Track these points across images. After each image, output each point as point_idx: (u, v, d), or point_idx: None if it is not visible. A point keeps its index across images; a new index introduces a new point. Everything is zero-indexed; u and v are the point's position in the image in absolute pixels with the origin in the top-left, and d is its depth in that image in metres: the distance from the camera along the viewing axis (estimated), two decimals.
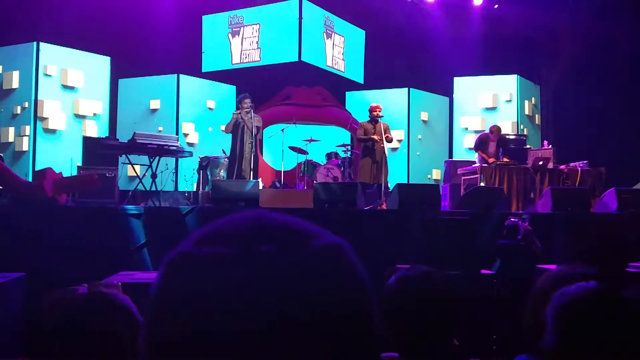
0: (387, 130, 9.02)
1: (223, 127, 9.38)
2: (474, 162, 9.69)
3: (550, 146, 10.25)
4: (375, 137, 8.86)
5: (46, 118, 9.63)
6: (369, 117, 9.10)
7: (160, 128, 10.40)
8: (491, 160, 9.23)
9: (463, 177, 9.28)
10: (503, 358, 4.51)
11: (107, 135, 9.71)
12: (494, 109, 12.10)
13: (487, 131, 9.91)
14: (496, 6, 12.77)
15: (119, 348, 1.22)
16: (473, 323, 4.41)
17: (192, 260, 0.56)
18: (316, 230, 0.61)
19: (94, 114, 10.23)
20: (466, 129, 12.28)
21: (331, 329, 0.55)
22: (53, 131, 9.72)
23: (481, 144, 9.69)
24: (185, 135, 10.73)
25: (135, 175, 7.87)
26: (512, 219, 5.18)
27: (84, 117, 10.10)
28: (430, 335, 1.54)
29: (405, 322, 1.55)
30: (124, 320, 1.24)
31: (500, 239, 5.14)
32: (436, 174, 11.95)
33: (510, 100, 12.08)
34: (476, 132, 11.72)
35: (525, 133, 11.84)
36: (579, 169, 9.27)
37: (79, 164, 9.01)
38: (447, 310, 1.58)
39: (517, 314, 1.86)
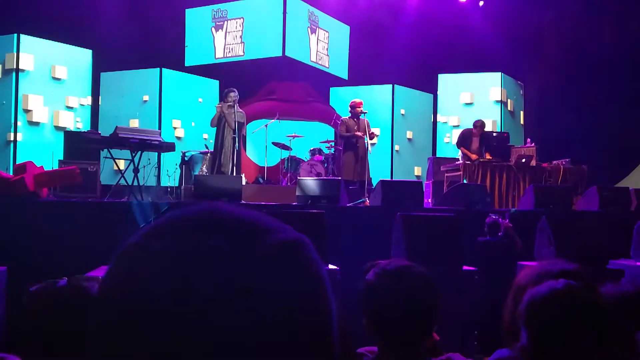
0: (369, 127, 9.00)
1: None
2: (458, 160, 9.73)
3: (533, 144, 10.33)
4: (358, 133, 8.83)
5: (30, 110, 9.52)
6: (351, 113, 9.05)
7: (136, 119, 10.31)
8: (474, 157, 9.27)
9: (446, 174, 9.31)
10: (484, 353, 4.54)
11: (89, 129, 9.61)
12: (477, 106, 12.17)
13: (471, 127, 9.95)
14: (481, 3, 12.83)
15: None
16: (454, 318, 4.43)
17: (139, 253, 0.54)
18: (275, 225, 0.58)
19: (76, 108, 10.12)
20: (450, 126, 12.34)
21: (283, 331, 0.52)
22: (36, 124, 9.62)
23: (464, 140, 9.73)
24: (175, 129, 10.68)
25: (117, 169, 7.81)
26: (493, 216, 5.21)
27: (66, 110, 9.98)
28: (409, 329, 1.54)
29: (384, 316, 1.55)
30: None
31: (481, 236, 5.18)
32: (418, 172, 11.99)
33: (493, 98, 12.16)
34: (457, 127, 11.78)
35: (508, 131, 11.93)
36: (562, 166, 9.36)
37: (60, 157, 8.91)
38: (425, 304, 1.58)
39: (498, 309, 1.87)
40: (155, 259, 0.53)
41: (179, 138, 10.53)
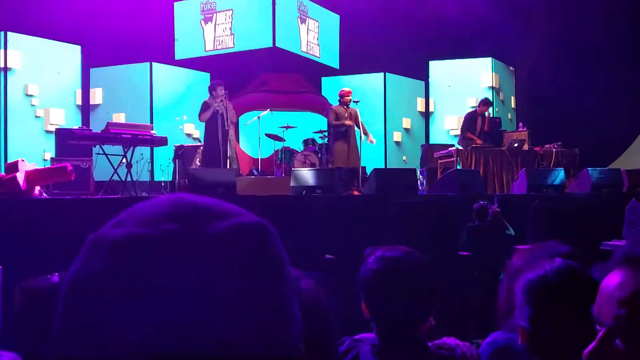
0: (358, 117, 8.98)
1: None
2: (451, 146, 9.74)
3: (525, 128, 10.36)
4: (347, 122, 8.82)
5: (19, 108, 9.48)
6: (340, 102, 9.04)
7: (123, 113, 10.26)
8: (479, 142, 9.29)
9: (440, 161, 9.34)
10: (479, 337, 4.57)
11: (80, 125, 9.56)
12: (469, 91, 12.17)
13: (472, 110, 9.91)
14: None
15: None
16: (450, 303, 4.46)
17: (102, 241, 0.55)
18: (236, 210, 0.58)
19: (66, 104, 10.07)
20: (442, 112, 12.35)
21: (233, 319, 0.51)
22: (26, 121, 9.57)
23: (470, 124, 9.66)
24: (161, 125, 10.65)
25: (110, 165, 7.78)
26: (481, 202, 5.24)
27: (57, 107, 9.93)
28: (409, 314, 1.56)
29: (383, 302, 1.57)
30: None
31: (470, 222, 5.21)
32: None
33: (485, 84, 12.16)
34: (448, 114, 11.78)
35: (500, 116, 11.95)
36: (554, 150, 9.39)
37: (52, 155, 8.88)
38: (424, 289, 1.59)
39: (490, 293, 1.88)
40: (113, 246, 0.53)
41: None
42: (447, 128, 12.34)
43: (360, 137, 8.88)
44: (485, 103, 9.80)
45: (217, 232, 0.54)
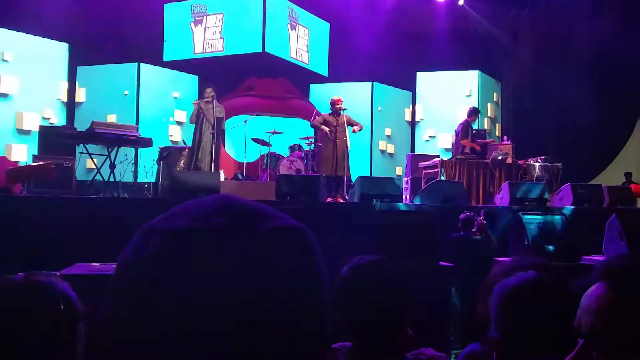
0: (350, 121, 9.00)
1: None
2: (436, 156, 9.79)
3: (509, 141, 10.44)
4: (325, 128, 8.79)
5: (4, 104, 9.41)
6: (331, 110, 9.05)
7: (114, 115, 10.20)
8: (478, 147, 9.36)
9: (424, 171, 9.38)
10: (460, 348, 4.58)
11: (65, 124, 9.48)
12: (455, 104, 12.25)
13: (462, 120, 9.93)
14: (461, 2, 12.90)
15: (54, 336, 1.19)
16: (431, 314, 4.47)
17: (154, 232, 0.59)
18: (276, 214, 0.63)
19: (52, 102, 9.99)
20: (428, 123, 12.43)
21: (276, 313, 0.56)
22: (10, 119, 9.48)
23: (466, 131, 9.64)
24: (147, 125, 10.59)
25: (94, 165, 7.72)
26: (467, 213, 5.26)
27: (42, 104, 9.84)
28: (382, 323, 1.56)
29: (357, 310, 1.56)
30: (61, 309, 1.21)
31: (455, 232, 5.23)
32: (399, 171, 12.01)
33: (470, 96, 12.26)
34: (434, 125, 11.87)
35: (485, 128, 12.04)
36: (537, 164, 9.47)
37: (35, 153, 8.79)
38: (397, 298, 1.59)
39: (473, 305, 1.89)
40: (166, 236, 0.58)
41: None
42: (431, 138, 12.42)
43: (347, 146, 8.86)
44: (475, 112, 9.86)
45: (265, 229, 0.59)
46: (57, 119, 10.01)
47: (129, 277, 0.58)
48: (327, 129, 8.78)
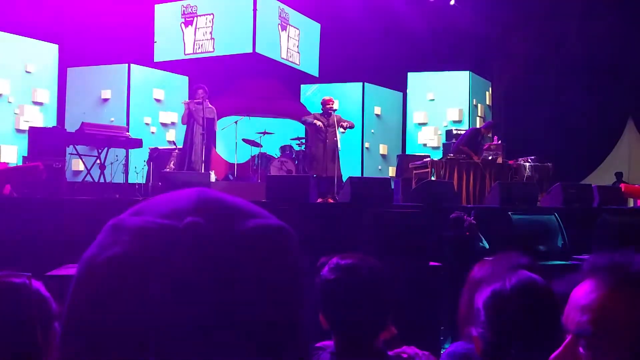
0: (340, 120, 9.00)
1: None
2: (427, 157, 9.80)
3: (499, 141, 10.47)
4: (317, 122, 8.79)
5: None
6: (322, 110, 9.05)
7: (112, 119, 10.17)
8: (476, 158, 9.19)
9: (415, 171, 9.39)
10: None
11: (55, 125, 9.43)
12: (445, 104, 12.29)
13: (478, 126, 9.84)
14: (452, 2, 12.94)
15: (27, 336, 1.19)
16: (420, 313, 4.48)
17: (122, 228, 0.56)
18: (258, 211, 0.59)
19: (41, 103, 9.93)
20: (419, 124, 12.45)
21: (251, 314, 0.53)
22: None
23: (472, 141, 9.54)
24: (147, 125, 10.57)
25: (84, 166, 7.70)
26: (457, 212, 5.27)
27: (32, 105, 9.79)
28: (364, 322, 1.56)
29: (339, 310, 1.56)
30: (32, 309, 1.21)
31: (445, 232, 5.24)
32: (392, 172, 12.03)
33: (461, 97, 12.29)
34: (424, 125, 11.90)
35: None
36: (527, 164, 9.50)
37: (25, 154, 8.74)
38: (379, 297, 1.59)
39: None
40: (134, 233, 0.54)
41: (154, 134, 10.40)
42: (423, 139, 12.44)
43: (337, 146, 8.86)
44: (491, 126, 9.82)
45: (245, 230, 0.56)
46: (47, 120, 9.95)
47: (93, 276, 0.54)
48: (319, 122, 8.77)
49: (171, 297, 0.51)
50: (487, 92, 13.21)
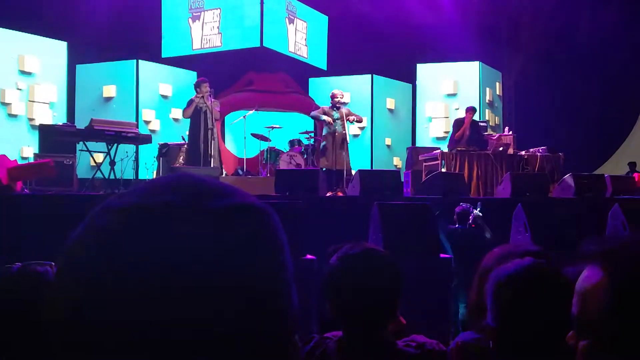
0: (350, 114, 8.97)
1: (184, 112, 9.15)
2: (437, 149, 9.76)
3: (510, 132, 10.41)
4: (326, 118, 8.77)
5: (8, 104, 9.41)
6: (331, 103, 9.02)
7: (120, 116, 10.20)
8: (459, 147, 9.20)
9: (424, 164, 9.35)
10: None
11: (65, 122, 9.47)
12: (455, 95, 12.21)
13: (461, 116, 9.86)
14: None
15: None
16: (431, 305, 4.46)
17: (106, 209, 0.58)
18: (235, 191, 0.60)
19: (51, 101, 9.98)
20: (429, 116, 12.39)
21: (226, 297, 0.53)
22: (14, 116, 9.50)
23: (456, 128, 9.62)
24: (147, 122, 10.57)
25: (94, 162, 7.73)
26: (463, 205, 5.24)
27: (40, 103, 9.84)
28: (372, 312, 1.55)
29: (347, 299, 1.55)
30: None
31: (451, 225, 5.22)
32: (398, 162, 12.01)
33: (471, 87, 12.21)
34: (435, 117, 11.84)
35: (487, 119, 12.00)
36: (538, 154, 9.43)
37: (36, 151, 8.79)
38: (388, 286, 1.58)
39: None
40: (115, 212, 0.56)
41: (152, 131, 10.39)
42: (433, 130, 12.38)
43: (346, 139, 8.84)
44: (469, 110, 9.81)
45: (218, 206, 0.56)
46: (58, 117, 10.00)
47: (75, 253, 0.56)
48: (328, 118, 8.76)
49: (144, 273, 0.52)
50: (497, 83, 13.10)
